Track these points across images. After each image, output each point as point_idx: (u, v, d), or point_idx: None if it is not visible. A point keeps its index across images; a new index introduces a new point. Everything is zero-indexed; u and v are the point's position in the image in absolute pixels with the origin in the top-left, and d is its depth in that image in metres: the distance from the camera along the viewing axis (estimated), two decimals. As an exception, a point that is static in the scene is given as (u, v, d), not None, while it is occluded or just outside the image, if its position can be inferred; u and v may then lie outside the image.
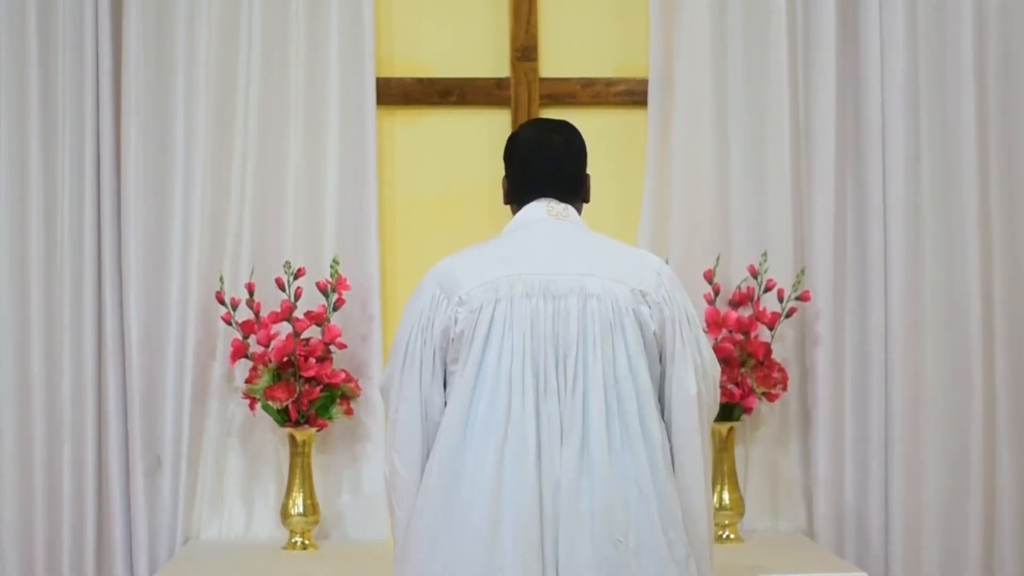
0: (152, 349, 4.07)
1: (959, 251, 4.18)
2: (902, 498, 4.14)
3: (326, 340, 3.99)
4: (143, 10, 4.06)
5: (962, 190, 4.18)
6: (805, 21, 4.20)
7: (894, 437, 4.15)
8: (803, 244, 4.19)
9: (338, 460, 4.15)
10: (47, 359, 4.08)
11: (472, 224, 4.11)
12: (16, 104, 4.08)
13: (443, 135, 4.26)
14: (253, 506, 4.15)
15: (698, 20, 4.16)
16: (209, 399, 4.13)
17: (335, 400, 3.99)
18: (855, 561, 4.13)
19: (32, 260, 4.07)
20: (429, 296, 2.92)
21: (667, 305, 2.90)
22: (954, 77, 4.19)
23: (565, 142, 3.06)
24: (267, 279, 4.03)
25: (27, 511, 4.07)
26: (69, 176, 4.09)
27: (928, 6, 4.21)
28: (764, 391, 4.03)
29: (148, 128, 4.08)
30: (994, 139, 4.23)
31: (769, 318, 4.06)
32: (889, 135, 4.17)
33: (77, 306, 4.08)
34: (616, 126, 4.25)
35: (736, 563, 3.65)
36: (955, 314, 4.19)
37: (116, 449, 4.07)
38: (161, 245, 4.09)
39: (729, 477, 4.06)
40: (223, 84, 4.11)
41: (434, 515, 2.83)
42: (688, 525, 2.88)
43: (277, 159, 4.14)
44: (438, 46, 4.28)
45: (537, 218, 2.99)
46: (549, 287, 2.87)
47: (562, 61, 4.27)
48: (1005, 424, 4.21)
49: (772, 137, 4.18)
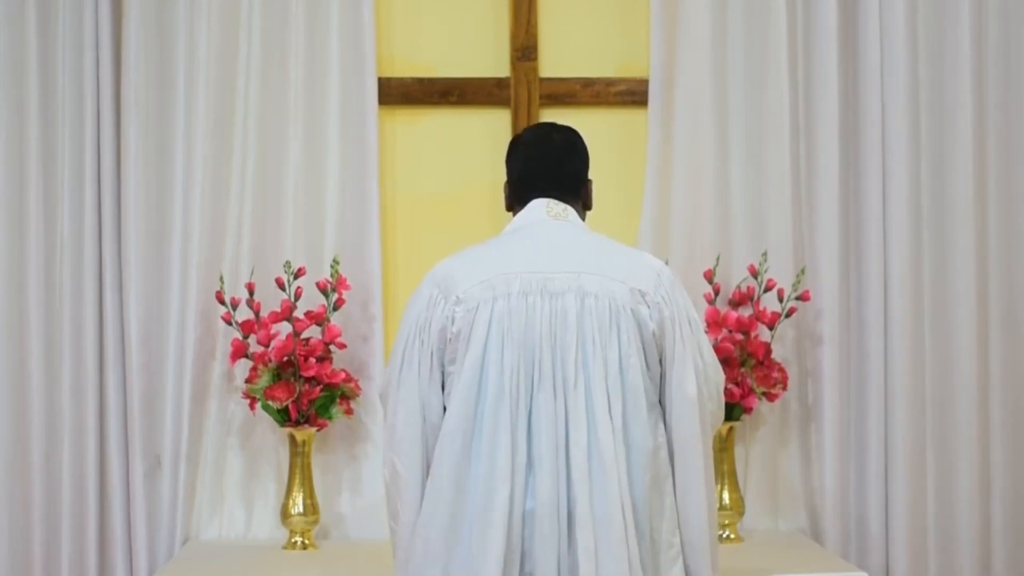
0: (152, 349, 4.07)
1: (959, 251, 4.18)
2: (902, 498, 4.13)
3: (326, 340, 3.99)
4: (143, 10, 4.06)
5: (961, 190, 4.18)
6: (805, 21, 4.20)
7: (894, 436, 4.15)
8: (803, 244, 4.19)
9: (338, 460, 4.15)
10: (47, 359, 4.08)
11: (472, 224, 4.11)
12: (16, 104, 4.08)
13: (443, 135, 4.26)
14: (253, 506, 4.15)
15: (698, 20, 4.16)
16: (209, 399, 4.12)
17: (335, 400, 3.99)
18: (855, 561, 4.13)
19: (32, 260, 4.07)
20: (426, 297, 2.92)
21: (666, 306, 2.89)
22: (953, 76, 4.19)
23: (566, 140, 3.07)
24: (267, 279, 4.03)
25: (26, 511, 4.07)
26: (69, 176, 4.09)
27: (928, 6, 4.21)
28: (764, 391, 4.03)
29: (148, 128, 4.08)
30: (993, 139, 4.23)
31: (769, 318, 4.06)
32: (889, 135, 4.17)
33: (77, 306, 4.08)
34: (616, 126, 4.25)
35: (736, 563, 3.65)
36: (954, 314, 4.19)
37: (116, 449, 4.07)
38: (161, 245, 4.08)
39: (729, 477, 4.06)
40: (223, 84, 4.11)
41: (440, 517, 2.82)
42: (683, 529, 2.87)
43: (277, 159, 4.14)
44: (438, 46, 4.28)
45: (536, 219, 2.99)
46: (547, 285, 2.87)
47: (562, 61, 4.27)
48: (999, 424, 4.21)
49: (772, 137, 4.18)
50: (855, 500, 4.18)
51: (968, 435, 4.17)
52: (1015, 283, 4.23)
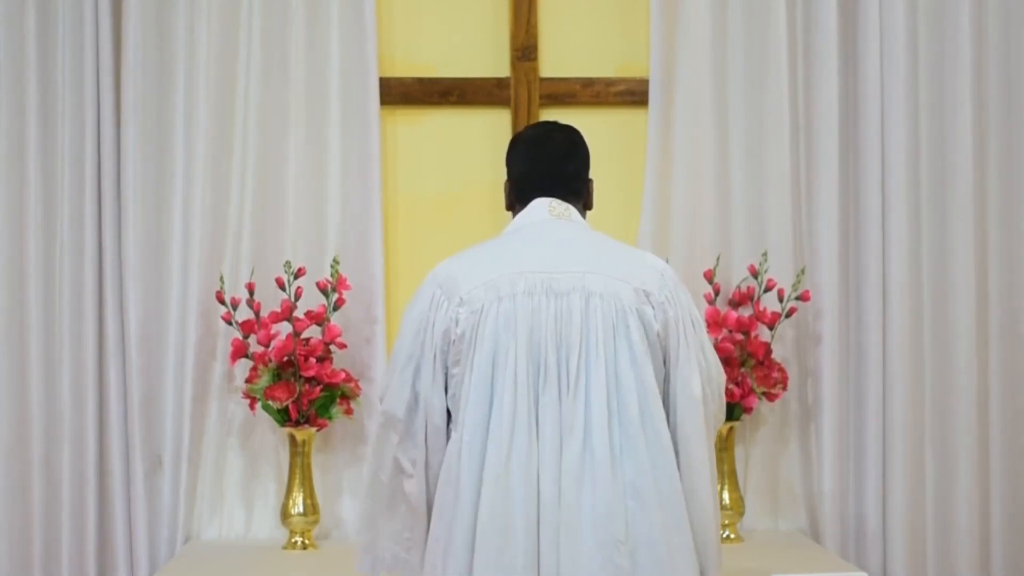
0: (152, 349, 4.07)
1: (958, 251, 4.18)
2: (901, 498, 4.14)
3: (326, 340, 3.99)
4: (143, 10, 4.06)
5: (961, 189, 4.18)
6: (805, 21, 4.20)
7: (893, 436, 4.15)
8: (803, 244, 4.19)
9: (338, 460, 4.15)
10: (47, 359, 4.08)
11: (473, 224, 4.11)
12: (15, 104, 4.07)
13: (443, 135, 4.26)
14: (253, 506, 4.15)
15: (698, 20, 4.16)
16: (209, 399, 4.13)
17: (335, 400, 3.99)
18: (854, 561, 4.13)
19: (32, 260, 4.07)
20: (429, 298, 2.90)
21: (671, 306, 2.88)
22: (953, 76, 4.19)
23: (567, 140, 3.06)
24: (267, 279, 4.03)
25: (26, 511, 4.07)
26: (69, 176, 4.08)
27: (928, 6, 4.21)
28: (764, 391, 4.03)
29: (148, 128, 4.08)
30: (993, 138, 4.23)
31: (769, 318, 4.06)
32: (889, 135, 4.17)
33: (77, 306, 4.08)
34: (616, 126, 4.25)
35: (736, 563, 3.65)
36: (954, 314, 4.19)
37: (117, 449, 4.07)
38: (161, 245, 4.09)
39: (729, 477, 4.06)
40: (223, 84, 4.11)
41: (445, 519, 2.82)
42: (695, 529, 2.86)
43: (277, 159, 4.14)
44: (438, 46, 4.28)
45: (539, 218, 2.97)
46: (551, 285, 2.85)
47: (562, 61, 4.27)
48: (998, 424, 4.21)
49: (772, 137, 4.18)
50: (855, 500, 4.18)
51: (967, 435, 4.18)
52: (1014, 283, 4.24)
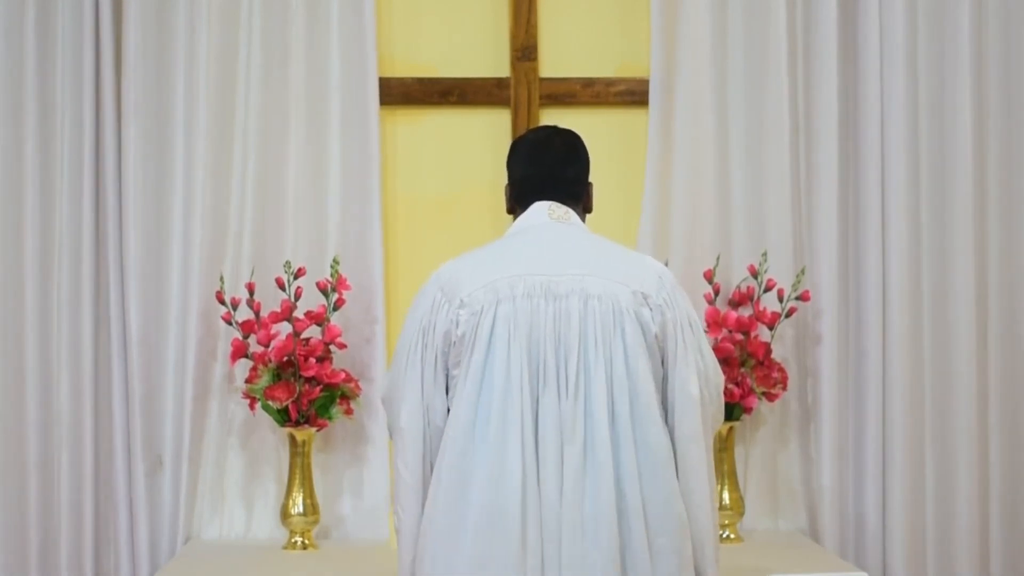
0: (152, 349, 4.07)
1: (958, 251, 4.18)
2: (901, 497, 4.14)
3: (326, 340, 3.99)
4: (143, 10, 4.05)
5: (961, 189, 4.18)
6: (805, 21, 4.20)
7: (892, 436, 4.15)
8: (803, 244, 4.19)
9: (338, 460, 4.15)
10: (47, 360, 4.08)
11: (473, 224, 4.11)
12: (15, 104, 4.07)
13: (443, 135, 4.27)
14: (253, 506, 4.16)
15: (698, 20, 4.16)
16: (209, 399, 4.13)
17: (335, 400, 3.99)
18: (854, 561, 4.13)
19: (31, 260, 4.07)
20: (430, 300, 2.92)
21: (669, 308, 2.89)
22: (953, 76, 4.19)
23: (567, 144, 3.07)
24: (267, 279, 4.03)
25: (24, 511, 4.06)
26: (68, 176, 4.08)
27: (928, 5, 4.21)
28: (764, 391, 4.03)
29: (148, 128, 4.07)
30: (993, 139, 4.23)
31: (769, 318, 4.06)
32: (888, 135, 4.17)
33: (77, 306, 4.08)
34: (616, 126, 4.25)
35: (736, 563, 3.65)
36: (953, 314, 4.19)
37: (118, 449, 4.07)
38: (161, 245, 4.08)
39: (729, 477, 4.06)
40: (223, 84, 4.11)
41: (445, 520, 2.82)
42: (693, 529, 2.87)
43: (277, 159, 4.14)
44: (438, 46, 4.28)
45: (539, 222, 2.98)
46: (551, 287, 2.86)
47: (562, 61, 4.27)
48: (997, 424, 4.22)
49: (772, 137, 4.18)
50: (854, 500, 4.18)
51: (966, 435, 4.18)
52: (1014, 282, 4.24)
